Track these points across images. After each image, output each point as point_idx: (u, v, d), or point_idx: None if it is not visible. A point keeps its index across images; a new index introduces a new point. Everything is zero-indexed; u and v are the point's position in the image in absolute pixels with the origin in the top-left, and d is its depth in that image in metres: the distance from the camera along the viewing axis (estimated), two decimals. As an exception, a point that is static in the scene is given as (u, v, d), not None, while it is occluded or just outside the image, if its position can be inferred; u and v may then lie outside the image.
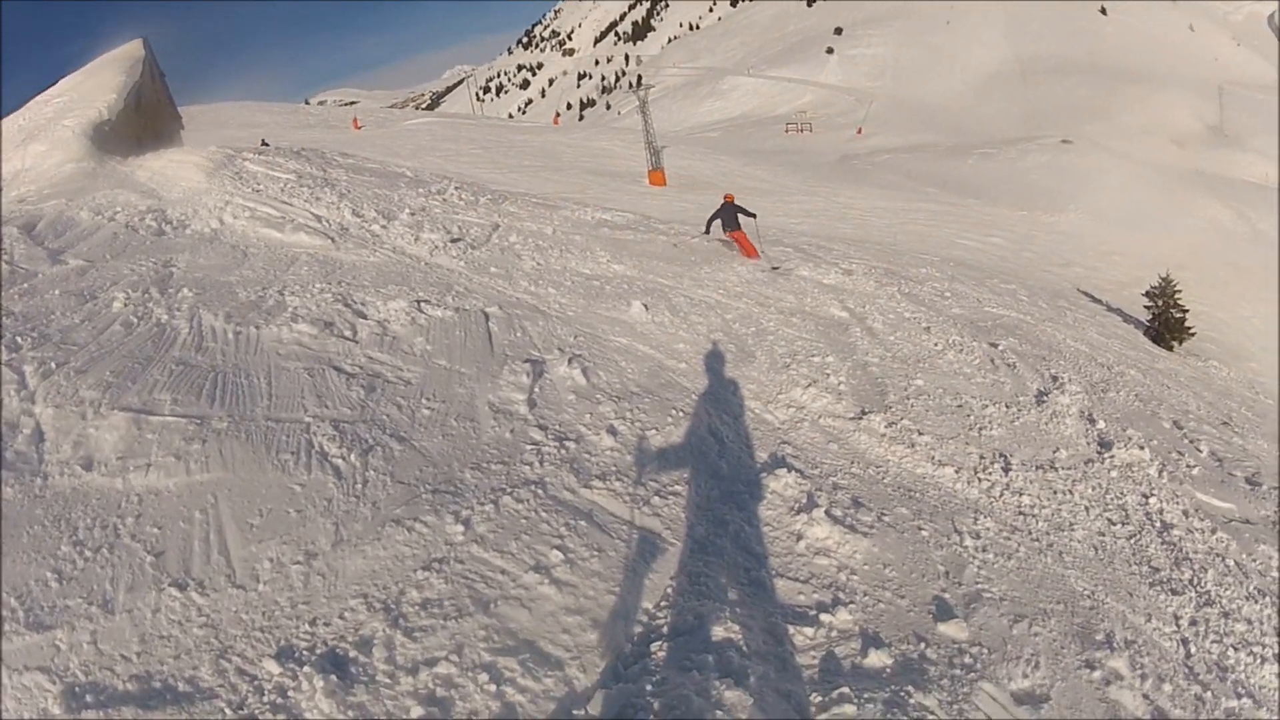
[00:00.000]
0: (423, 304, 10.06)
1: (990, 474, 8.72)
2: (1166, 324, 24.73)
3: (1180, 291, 25.26)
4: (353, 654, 4.48)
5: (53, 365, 6.99)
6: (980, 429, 9.94)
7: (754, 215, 17.82)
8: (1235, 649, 6.62)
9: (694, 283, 14.22)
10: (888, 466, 8.53)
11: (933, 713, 4.81)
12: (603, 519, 6.17)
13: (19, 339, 7.45)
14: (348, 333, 8.86)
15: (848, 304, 14.59)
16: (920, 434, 9.33)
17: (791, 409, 9.52)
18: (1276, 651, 6.72)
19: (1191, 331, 24.88)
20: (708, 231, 18.20)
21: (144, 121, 18.04)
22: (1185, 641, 6.56)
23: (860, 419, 9.43)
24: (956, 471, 8.62)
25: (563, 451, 7.10)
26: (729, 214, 17.48)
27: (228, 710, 4.05)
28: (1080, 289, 29.37)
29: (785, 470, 7.49)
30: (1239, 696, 6.06)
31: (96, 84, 17.63)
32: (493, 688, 4.36)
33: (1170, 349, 23.81)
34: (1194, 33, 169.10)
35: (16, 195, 13.01)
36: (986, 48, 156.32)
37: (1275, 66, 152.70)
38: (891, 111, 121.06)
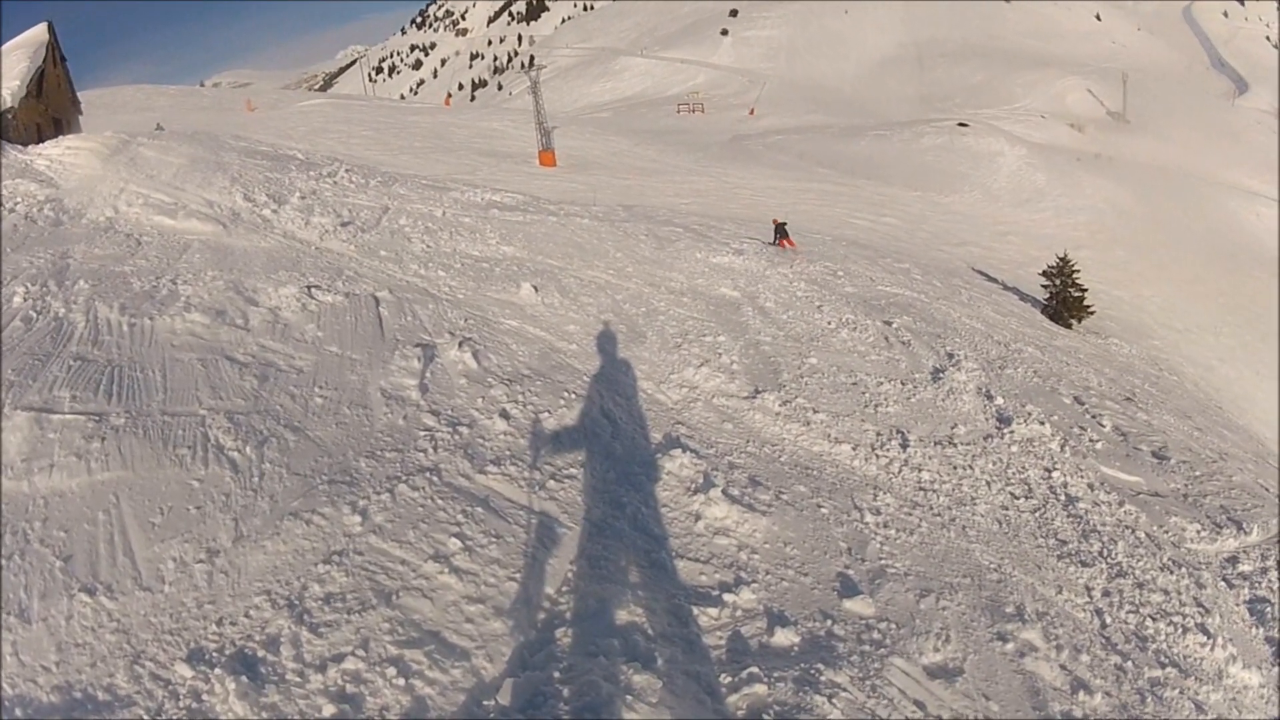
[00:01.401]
0: (313, 289, 9.95)
1: (888, 450, 9.00)
2: (1064, 302, 25.30)
3: (1078, 270, 25.87)
4: (261, 653, 4.45)
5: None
6: (876, 406, 10.24)
7: (786, 223, 23.83)
8: (1154, 619, 6.91)
9: (584, 263, 14.29)
10: (784, 445, 8.74)
11: (845, 689, 4.94)
12: (499, 505, 6.19)
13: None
14: (240, 321, 8.71)
15: (739, 283, 14.86)
16: (815, 412, 9.58)
17: (684, 389, 9.65)
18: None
19: (1090, 309, 25.54)
20: (774, 243, 22.80)
21: (45, 107, 17.70)
22: (1100, 612, 6.83)
23: (754, 398, 9.63)
24: (854, 448, 8.87)
25: (456, 437, 7.09)
26: (780, 230, 23.06)
27: (146, 717, 4.00)
28: (975, 268, 30.13)
29: (680, 450, 7.60)
30: (1163, 666, 6.33)
31: (1, 71, 17.19)
32: (401, 681, 4.37)
33: (1069, 326, 24.47)
34: (1100, 22, 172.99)
35: None
36: (883, 33, 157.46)
37: (1184, 56, 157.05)
38: (785, 93, 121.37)
